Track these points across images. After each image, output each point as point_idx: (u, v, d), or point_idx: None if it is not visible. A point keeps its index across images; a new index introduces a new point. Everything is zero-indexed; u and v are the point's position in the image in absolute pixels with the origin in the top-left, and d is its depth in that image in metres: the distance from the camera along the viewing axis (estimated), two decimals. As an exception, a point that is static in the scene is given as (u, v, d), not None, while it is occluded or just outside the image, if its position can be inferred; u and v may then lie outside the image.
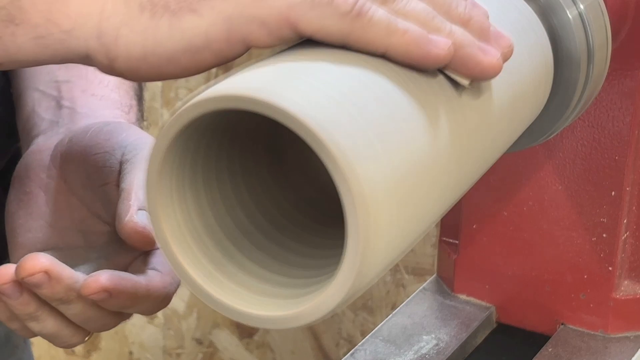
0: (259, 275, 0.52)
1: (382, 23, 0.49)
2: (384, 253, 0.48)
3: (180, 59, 0.52)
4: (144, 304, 0.63)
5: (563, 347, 0.81)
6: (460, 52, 0.51)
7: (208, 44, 0.51)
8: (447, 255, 0.89)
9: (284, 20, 0.50)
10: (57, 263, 0.60)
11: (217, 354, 1.69)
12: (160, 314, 1.69)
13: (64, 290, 0.60)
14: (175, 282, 0.65)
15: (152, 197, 0.49)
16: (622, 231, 0.81)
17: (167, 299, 0.64)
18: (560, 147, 0.81)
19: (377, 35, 0.49)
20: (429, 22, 0.51)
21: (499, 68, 0.52)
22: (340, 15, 0.49)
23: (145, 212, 0.64)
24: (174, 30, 0.52)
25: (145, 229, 0.63)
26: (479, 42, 0.52)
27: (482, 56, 0.52)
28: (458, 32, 0.51)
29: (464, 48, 0.51)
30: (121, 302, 0.61)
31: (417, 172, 0.49)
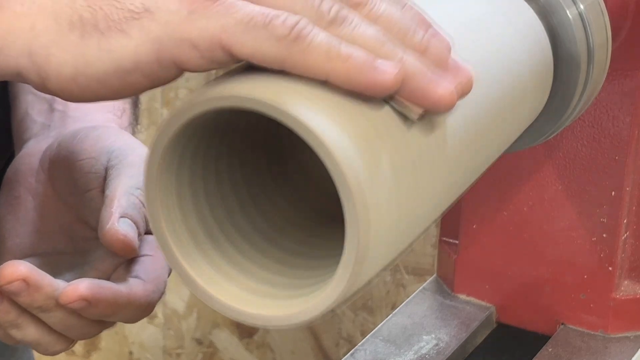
0: (257, 275, 0.52)
1: (322, 48, 0.46)
2: (382, 253, 0.48)
3: (110, 80, 0.50)
4: (125, 312, 0.62)
5: (563, 347, 0.81)
6: (409, 81, 0.47)
7: (138, 66, 0.49)
8: (447, 255, 0.89)
9: (216, 43, 0.47)
10: (36, 271, 0.60)
11: (217, 354, 1.69)
12: (160, 314, 1.69)
13: (43, 298, 0.60)
14: (158, 290, 0.64)
15: (151, 197, 0.49)
16: (622, 231, 0.81)
17: (149, 307, 0.64)
18: (560, 147, 0.81)
19: (316, 61, 0.46)
20: (378, 48, 0.47)
21: (452, 101, 0.48)
22: (277, 39, 0.46)
23: (128, 220, 0.63)
24: (102, 51, 0.49)
25: (127, 236, 0.62)
26: (432, 73, 0.48)
27: (433, 87, 0.48)
28: (411, 60, 0.48)
29: (414, 77, 0.47)
30: (101, 311, 0.61)
31: (417, 170, 0.49)
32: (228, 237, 0.53)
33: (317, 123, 0.45)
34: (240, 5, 0.47)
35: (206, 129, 0.50)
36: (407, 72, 0.47)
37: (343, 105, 0.47)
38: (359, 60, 0.46)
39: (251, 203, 0.55)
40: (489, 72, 0.57)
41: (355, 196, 0.44)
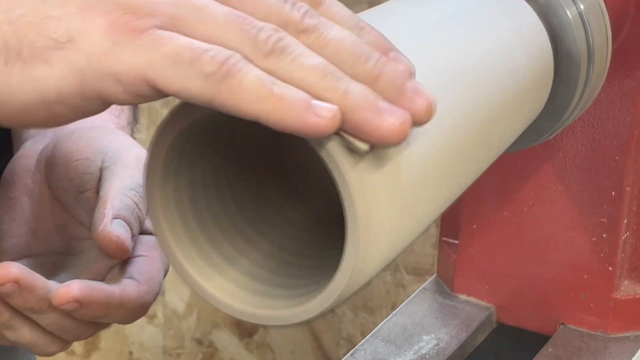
0: (257, 274, 0.52)
1: (253, 87, 0.43)
2: (382, 253, 0.48)
3: (34, 110, 0.47)
4: (119, 313, 0.62)
5: (563, 347, 0.81)
6: (354, 115, 0.44)
7: (61, 98, 0.47)
8: (447, 255, 0.89)
9: (141, 78, 0.45)
10: (28, 273, 0.59)
11: (217, 354, 1.69)
12: (160, 314, 1.69)
13: (36, 300, 0.59)
14: (152, 291, 0.64)
15: (151, 196, 0.49)
16: (622, 231, 0.81)
17: (144, 308, 0.63)
18: (560, 147, 0.81)
19: (246, 101, 0.43)
20: (318, 82, 0.44)
21: (401, 134, 0.44)
22: (204, 76, 0.43)
23: (121, 221, 0.63)
24: (25, 80, 0.46)
25: (119, 237, 0.62)
26: (382, 103, 0.44)
27: (379, 121, 0.44)
28: (356, 91, 0.44)
29: (359, 111, 0.44)
30: (94, 312, 0.60)
31: (417, 170, 0.49)
32: (227, 236, 0.53)
33: None
34: (168, 37, 0.45)
35: (206, 130, 0.50)
36: (351, 106, 0.44)
37: None
38: (292, 101, 0.43)
39: (250, 203, 0.55)
40: (489, 71, 0.57)
41: (356, 196, 0.45)
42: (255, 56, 0.44)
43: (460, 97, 0.54)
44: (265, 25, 0.45)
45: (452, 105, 0.53)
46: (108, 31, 0.45)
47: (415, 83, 0.46)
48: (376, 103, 0.44)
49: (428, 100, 0.46)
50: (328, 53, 0.45)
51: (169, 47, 0.44)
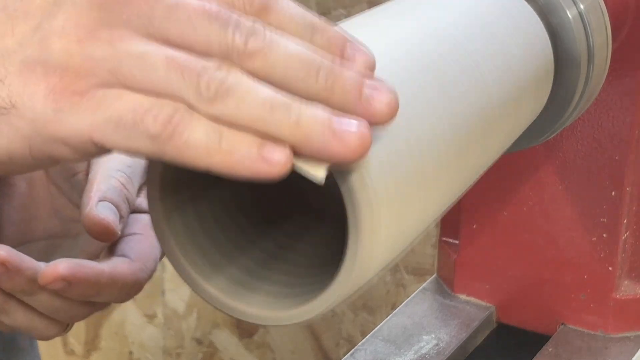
0: (257, 273, 0.52)
1: (201, 144, 0.43)
2: (384, 253, 0.48)
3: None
4: (110, 291, 0.61)
5: (563, 347, 0.81)
6: (308, 147, 0.43)
7: (13, 160, 0.47)
8: (447, 255, 0.89)
9: (87, 140, 0.45)
10: (15, 254, 0.59)
11: (217, 354, 1.69)
12: (160, 314, 1.69)
13: (25, 281, 0.59)
14: (147, 268, 0.63)
15: (151, 196, 0.49)
16: (623, 231, 0.81)
17: (137, 286, 0.62)
18: (561, 147, 0.81)
19: (195, 157, 0.43)
20: (268, 118, 0.43)
21: (361, 149, 0.43)
22: (149, 137, 0.43)
23: (107, 203, 0.63)
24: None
25: (105, 220, 0.62)
26: (337, 123, 0.43)
27: (335, 146, 0.43)
28: (307, 119, 0.43)
29: (313, 142, 0.43)
30: (84, 291, 0.60)
31: (418, 171, 0.49)
32: (227, 235, 0.53)
33: None
34: (110, 98, 0.44)
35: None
36: (303, 137, 0.43)
37: None
38: (240, 153, 0.43)
39: (251, 201, 0.55)
40: (489, 71, 0.57)
41: (358, 195, 0.45)
42: (200, 104, 0.44)
43: (460, 97, 0.54)
44: (207, 65, 0.44)
45: (452, 106, 0.53)
46: (49, 97, 0.45)
47: (372, 83, 0.45)
48: (331, 124, 0.44)
49: (386, 100, 0.45)
50: (277, 77, 0.44)
51: (111, 110, 0.44)
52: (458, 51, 0.55)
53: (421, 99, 0.50)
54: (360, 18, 0.56)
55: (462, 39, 0.56)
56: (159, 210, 0.50)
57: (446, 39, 0.55)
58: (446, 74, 0.53)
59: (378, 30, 0.54)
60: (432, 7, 0.59)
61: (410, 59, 0.52)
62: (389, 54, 0.51)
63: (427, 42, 0.54)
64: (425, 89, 0.51)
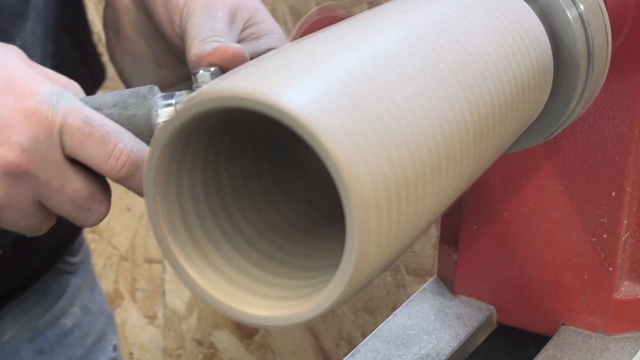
0: (257, 275, 0.52)
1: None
2: (382, 254, 0.48)
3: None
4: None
5: (563, 348, 0.81)
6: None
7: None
8: (447, 256, 0.89)
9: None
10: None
11: (218, 354, 1.69)
12: (160, 314, 1.69)
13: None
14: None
15: (151, 197, 0.49)
16: (623, 232, 0.81)
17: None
18: (561, 147, 0.81)
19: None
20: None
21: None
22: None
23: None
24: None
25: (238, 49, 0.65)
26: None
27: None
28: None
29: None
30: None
31: (417, 171, 0.49)
32: (227, 238, 0.53)
33: (313, 120, 0.44)
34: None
35: (206, 129, 0.50)
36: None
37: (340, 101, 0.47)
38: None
39: (250, 204, 0.55)
40: (489, 72, 0.57)
41: (355, 196, 0.44)
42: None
43: (460, 97, 0.54)
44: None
45: (452, 106, 0.53)
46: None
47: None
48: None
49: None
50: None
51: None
52: (458, 51, 0.55)
53: (421, 99, 0.50)
54: (361, 19, 0.56)
55: (462, 39, 0.56)
56: (158, 210, 0.50)
57: (446, 39, 0.55)
58: (446, 74, 0.53)
59: (379, 31, 0.54)
60: (430, 8, 0.59)
61: (410, 59, 0.52)
62: (390, 54, 0.51)
63: (427, 41, 0.54)
64: (425, 89, 0.51)
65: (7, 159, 0.57)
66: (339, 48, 0.51)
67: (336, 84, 0.47)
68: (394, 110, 0.48)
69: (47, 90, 0.58)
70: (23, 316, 0.84)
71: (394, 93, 0.49)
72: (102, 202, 0.61)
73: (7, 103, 0.58)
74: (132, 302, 1.70)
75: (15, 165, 0.57)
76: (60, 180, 0.59)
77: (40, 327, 0.85)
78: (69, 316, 0.88)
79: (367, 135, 0.46)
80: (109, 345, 0.94)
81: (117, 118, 0.61)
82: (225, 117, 0.50)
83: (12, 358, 0.83)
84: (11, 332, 0.83)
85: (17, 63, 0.60)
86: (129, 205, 1.61)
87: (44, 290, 0.85)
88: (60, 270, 0.88)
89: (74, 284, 0.89)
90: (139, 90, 0.62)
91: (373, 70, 0.49)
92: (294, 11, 1.32)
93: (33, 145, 0.57)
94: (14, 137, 0.57)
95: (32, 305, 0.84)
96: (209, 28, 0.65)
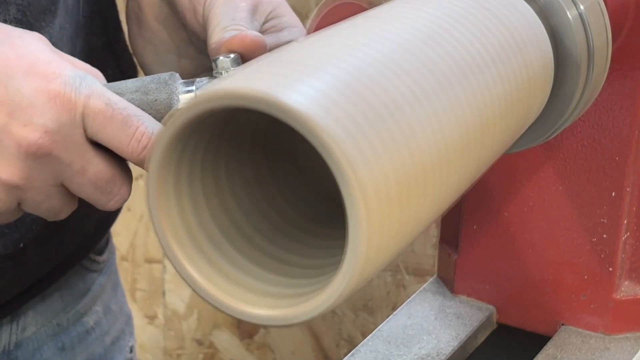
0: (258, 274, 0.52)
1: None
2: (385, 253, 0.48)
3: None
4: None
5: (563, 348, 0.81)
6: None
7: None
8: (447, 256, 0.89)
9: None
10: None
11: (218, 354, 1.69)
12: (160, 314, 1.69)
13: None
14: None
15: (152, 197, 0.49)
16: (623, 232, 0.81)
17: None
18: (561, 147, 0.81)
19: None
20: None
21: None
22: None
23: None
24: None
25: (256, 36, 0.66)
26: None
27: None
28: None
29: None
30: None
31: (418, 171, 0.49)
32: (228, 236, 0.53)
33: (314, 118, 0.45)
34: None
35: (206, 128, 0.50)
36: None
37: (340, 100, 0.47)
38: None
39: (250, 203, 0.55)
40: (489, 72, 0.57)
41: (356, 194, 0.45)
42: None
43: (460, 97, 0.54)
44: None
45: (453, 106, 0.53)
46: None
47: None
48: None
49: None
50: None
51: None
52: (459, 52, 0.55)
53: (422, 99, 0.50)
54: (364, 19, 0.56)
55: (464, 39, 0.56)
56: (159, 209, 0.50)
57: (447, 39, 0.55)
58: (446, 74, 0.53)
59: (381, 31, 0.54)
60: (434, 8, 0.59)
61: (411, 59, 0.52)
62: (392, 54, 0.51)
63: (429, 42, 0.54)
64: (426, 90, 0.51)
65: (30, 140, 0.58)
66: (341, 48, 0.51)
67: (338, 84, 0.48)
68: (395, 111, 0.48)
69: (70, 74, 0.59)
70: (46, 312, 0.84)
71: (395, 93, 0.49)
72: (124, 185, 0.62)
73: (30, 85, 0.58)
74: (132, 302, 1.70)
75: (38, 146, 0.58)
76: (82, 162, 0.59)
77: (63, 324, 0.86)
78: (91, 314, 0.89)
79: (367, 135, 0.46)
80: (127, 346, 0.95)
81: (138, 103, 0.62)
82: (225, 117, 0.51)
83: (35, 354, 0.84)
84: (34, 328, 0.83)
85: (41, 47, 0.60)
86: (129, 205, 1.61)
87: (69, 287, 0.86)
88: (85, 268, 0.88)
89: (98, 282, 0.90)
90: (160, 76, 0.63)
91: (374, 70, 0.49)
92: (294, 11, 1.32)
93: (56, 127, 0.58)
94: (37, 118, 0.58)
95: (55, 301, 0.85)
96: (230, 17, 0.66)
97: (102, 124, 0.59)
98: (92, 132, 0.59)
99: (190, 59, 0.75)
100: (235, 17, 0.66)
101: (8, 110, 0.58)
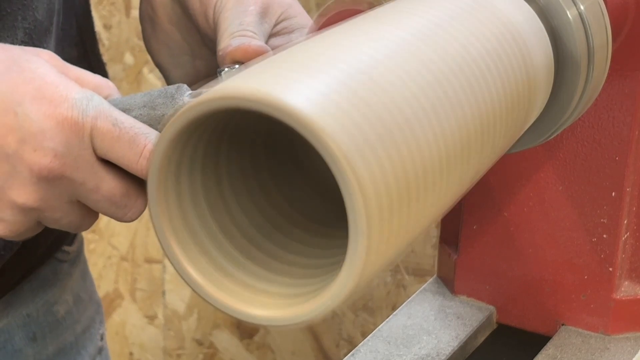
0: (259, 274, 0.52)
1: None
2: (386, 253, 0.48)
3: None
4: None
5: (563, 348, 0.81)
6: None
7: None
8: (447, 256, 0.89)
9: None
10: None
11: (218, 354, 1.69)
12: (160, 314, 1.69)
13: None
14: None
15: (152, 197, 0.49)
16: (623, 232, 0.81)
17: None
18: (561, 147, 0.81)
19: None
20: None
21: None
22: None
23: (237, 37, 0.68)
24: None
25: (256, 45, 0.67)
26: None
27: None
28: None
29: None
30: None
31: (418, 172, 0.49)
32: (228, 236, 0.53)
33: (314, 119, 0.45)
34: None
35: (207, 129, 0.50)
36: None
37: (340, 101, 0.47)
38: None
39: (251, 203, 0.55)
40: (489, 72, 0.57)
41: (357, 195, 0.45)
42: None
43: (461, 98, 0.54)
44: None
45: (453, 107, 0.53)
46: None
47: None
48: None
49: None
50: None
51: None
52: (459, 52, 0.55)
53: (421, 100, 0.50)
54: (364, 20, 0.56)
55: (464, 39, 0.56)
56: (160, 209, 0.50)
57: (447, 39, 0.55)
58: (447, 74, 0.53)
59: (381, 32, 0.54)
60: (434, 8, 0.59)
61: (411, 60, 0.52)
62: (392, 55, 0.51)
63: (429, 42, 0.54)
64: (426, 90, 0.51)
65: (41, 164, 0.60)
66: (341, 50, 0.51)
67: (338, 85, 0.48)
68: (395, 112, 0.48)
69: (77, 96, 0.61)
70: (15, 302, 0.85)
71: (395, 94, 0.49)
72: (138, 197, 0.63)
73: (39, 110, 0.60)
74: (132, 302, 1.70)
75: (49, 169, 0.60)
76: (95, 180, 0.61)
77: (33, 314, 0.87)
78: (61, 304, 0.90)
79: (368, 136, 0.46)
80: (97, 334, 0.96)
81: (146, 118, 0.63)
82: (224, 118, 0.51)
83: (6, 344, 0.84)
84: (4, 319, 0.84)
85: (48, 69, 0.62)
86: (129, 205, 1.61)
87: (38, 277, 0.87)
88: (55, 259, 0.89)
89: (68, 272, 0.91)
90: (167, 90, 0.64)
91: (375, 72, 0.49)
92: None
93: (65, 150, 0.60)
94: (47, 143, 0.60)
95: (25, 291, 0.86)
96: (238, 22, 0.67)
97: (110, 144, 0.61)
98: (102, 151, 0.61)
99: (204, 59, 0.76)
100: (243, 22, 0.67)
101: (18, 136, 0.60)
